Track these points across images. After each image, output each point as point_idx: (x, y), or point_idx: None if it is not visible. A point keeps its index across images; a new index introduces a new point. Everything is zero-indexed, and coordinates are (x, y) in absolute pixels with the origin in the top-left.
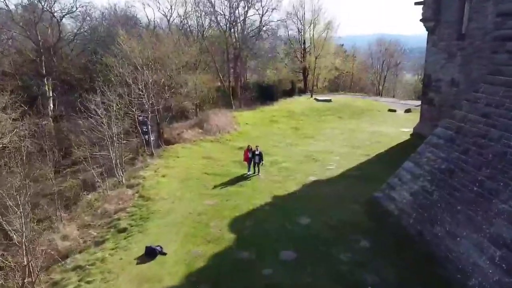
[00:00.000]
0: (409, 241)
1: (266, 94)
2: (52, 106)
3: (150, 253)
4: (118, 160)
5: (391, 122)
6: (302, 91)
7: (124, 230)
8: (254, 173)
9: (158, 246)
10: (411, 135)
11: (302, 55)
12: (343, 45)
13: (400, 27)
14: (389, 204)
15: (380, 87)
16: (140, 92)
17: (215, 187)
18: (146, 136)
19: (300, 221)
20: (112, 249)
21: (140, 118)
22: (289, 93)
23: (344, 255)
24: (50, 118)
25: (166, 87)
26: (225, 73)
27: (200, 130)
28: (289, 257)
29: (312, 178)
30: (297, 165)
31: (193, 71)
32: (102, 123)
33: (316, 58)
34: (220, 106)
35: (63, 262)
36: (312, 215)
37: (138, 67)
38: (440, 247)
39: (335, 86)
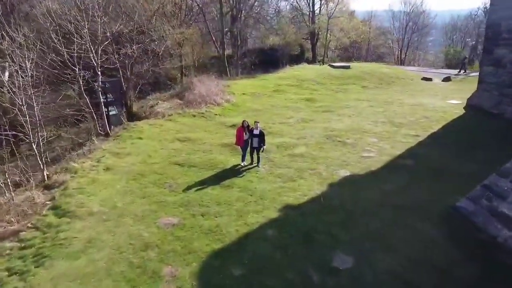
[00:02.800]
0: None
1: (270, 60)
2: (8, 73)
3: None
4: (37, 145)
5: (431, 92)
6: (309, 62)
7: None
8: (252, 163)
9: None
10: (464, 108)
11: (311, 18)
12: (354, 11)
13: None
14: (495, 226)
15: (403, 55)
16: (82, 41)
17: (186, 188)
18: (106, 110)
19: (336, 264)
20: None
21: (96, 84)
22: (297, 59)
23: None
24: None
25: (134, 41)
26: (221, 36)
27: (180, 102)
28: None
29: (343, 172)
30: (317, 151)
31: (170, 21)
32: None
33: (329, 18)
34: (214, 74)
35: None
36: (355, 248)
37: (80, 5)
38: None
39: (348, 55)
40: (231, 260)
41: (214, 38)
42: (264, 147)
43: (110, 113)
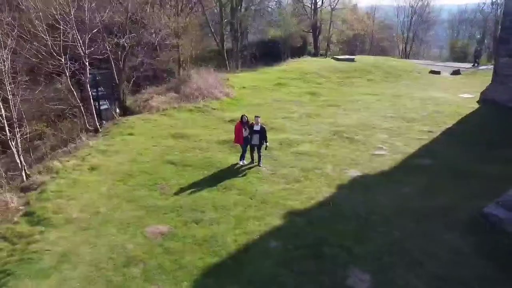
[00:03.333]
0: None
1: (271, 53)
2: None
3: None
4: (14, 143)
5: (441, 86)
6: (312, 55)
7: None
8: (252, 162)
9: None
10: (478, 102)
11: (313, 10)
12: (356, 4)
13: None
14: None
15: (408, 48)
16: (67, 28)
17: (179, 191)
18: (97, 103)
19: (351, 283)
20: None
21: (84, 76)
22: (299, 52)
23: None
24: None
25: (127, 31)
26: (220, 28)
27: (176, 95)
28: None
29: (353, 173)
30: (323, 149)
31: (164, 9)
32: None
33: (332, 10)
34: (213, 67)
35: None
36: (372, 263)
37: None
38: None
39: (350, 49)
40: (227, 278)
41: (213, 31)
42: (266, 144)
43: (102, 107)
